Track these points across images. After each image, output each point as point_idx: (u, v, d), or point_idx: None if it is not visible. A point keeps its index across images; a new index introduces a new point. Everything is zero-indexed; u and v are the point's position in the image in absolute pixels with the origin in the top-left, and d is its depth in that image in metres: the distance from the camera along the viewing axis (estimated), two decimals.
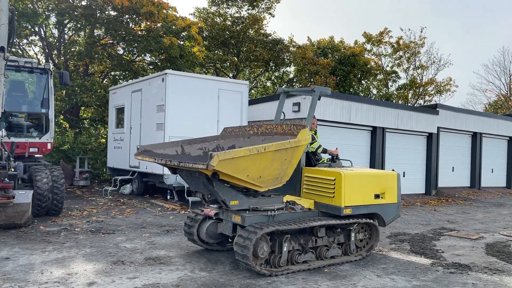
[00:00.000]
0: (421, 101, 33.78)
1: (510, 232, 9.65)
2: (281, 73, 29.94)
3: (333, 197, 6.35)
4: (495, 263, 6.86)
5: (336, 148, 7.63)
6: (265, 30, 26.76)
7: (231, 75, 27.10)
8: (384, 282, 5.69)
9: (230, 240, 6.83)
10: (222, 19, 26.18)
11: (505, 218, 12.03)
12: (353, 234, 6.65)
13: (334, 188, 6.35)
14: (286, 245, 5.89)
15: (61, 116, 18.87)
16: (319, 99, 7.89)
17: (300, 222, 5.99)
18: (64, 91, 17.28)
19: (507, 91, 41.84)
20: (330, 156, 7.54)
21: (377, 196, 6.76)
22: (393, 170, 7.41)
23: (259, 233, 5.49)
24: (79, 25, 18.49)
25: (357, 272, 6.08)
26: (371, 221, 6.78)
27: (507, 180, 21.79)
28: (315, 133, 7.68)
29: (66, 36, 19.64)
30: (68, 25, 18.69)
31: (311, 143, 7.35)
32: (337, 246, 6.54)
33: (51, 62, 18.12)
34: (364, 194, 6.61)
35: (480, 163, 19.96)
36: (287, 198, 6.71)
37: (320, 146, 7.54)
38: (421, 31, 41.38)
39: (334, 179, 6.36)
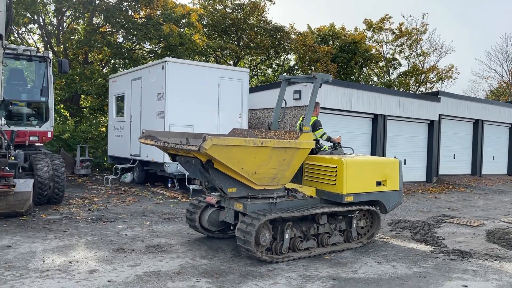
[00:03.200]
0: (422, 88, 33.62)
1: (511, 219, 9.66)
2: (281, 61, 29.76)
3: (335, 184, 6.33)
4: (496, 250, 6.87)
5: (339, 136, 7.58)
6: (266, 17, 26.55)
7: (231, 63, 26.95)
8: (384, 269, 5.70)
9: (231, 227, 6.87)
10: (222, 6, 25.94)
11: (506, 205, 12.03)
12: (354, 221, 6.67)
13: (335, 175, 6.33)
14: (288, 232, 5.90)
15: (61, 105, 18.83)
16: (320, 86, 7.86)
17: (303, 210, 5.99)
18: (63, 80, 17.20)
19: (509, 78, 41.58)
20: (331, 144, 7.51)
21: (378, 184, 6.77)
22: (394, 157, 7.41)
23: (262, 220, 5.50)
24: (77, 13, 18.33)
25: (358, 259, 6.09)
26: (373, 208, 6.77)
27: (509, 167, 21.78)
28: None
29: (65, 24, 19.49)
30: (67, 13, 18.54)
31: (316, 130, 7.38)
32: (339, 233, 6.57)
33: (50, 50, 18.03)
34: (365, 181, 6.60)
35: (481, 150, 19.92)
36: (289, 185, 6.70)
37: (324, 133, 7.51)
38: (423, 18, 41.06)
39: (336, 167, 6.34)
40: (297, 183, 6.92)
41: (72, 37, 18.61)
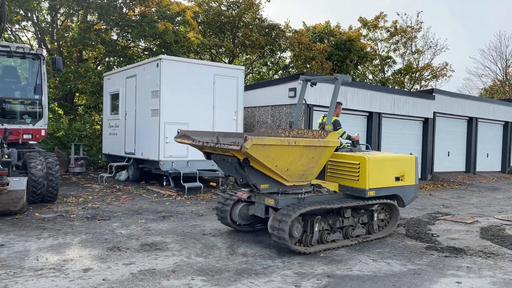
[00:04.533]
0: (417, 86, 33.74)
1: (504, 216, 9.72)
2: (276, 59, 29.73)
3: (358, 180, 6.76)
4: (490, 247, 6.91)
5: (357, 134, 8.23)
6: (261, 15, 26.49)
7: (226, 60, 26.89)
8: (379, 266, 5.72)
9: (260, 221, 7.24)
10: (217, 3, 25.86)
11: (500, 202, 12.10)
12: (375, 215, 7.11)
13: (358, 171, 6.75)
14: (317, 225, 6.30)
15: (56, 103, 18.71)
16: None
17: (331, 203, 6.39)
18: (58, 78, 17.09)
19: (503, 76, 41.82)
20: (349, 141, 8.04)
21: (397, 179, 7.20)
22: (411, 154, 7.88)
23: (296, 213, 5.86)
24: (71, 11, 18.20)
25: (353, 257, 6.11)
26: (392, 202, 7.18)
27: (502, 165, 21.92)
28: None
29: (59, 21, 19.36)
30: (61, 10, 18.41)
31: (336, 129, 7.78)
32: (361, 225, 6.97)
33: (44, 48, 17.90)
34: (385, 177, 7.01)
35: (475, 148, 20.03)
36: (313, 181, 6.98)
37: (344, 132, 8.09)
38: (418, 16, 41.13)
39: (359, 163, 6.75)
40: (320, 179, 7.27)
41: (66, 35, 18.49)
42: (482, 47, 75.82)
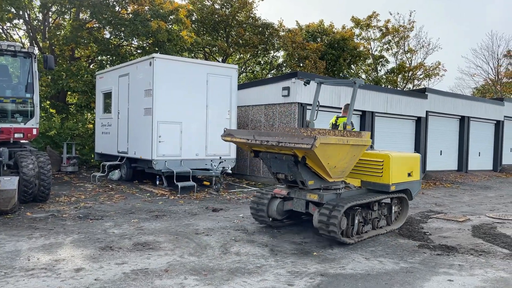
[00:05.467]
0: (410, 86, 33.91)
1: (496, 214, 9.79)
2: (270, 58, 29.74)
3: (381, 176, 7.33)
4: (481, 245, 6.96)
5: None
6: (254, 14, 26.47)
7: (220, 59, 26.83)
8: (372, 264, 5.74)
9: (288, 217, 7.77)
10: (211, 2, 25.81)
11: (492, 201, 12.20)
12: (393, 207, 7.84)
13: (382, 168, 7.32)
14: (357, 217, 6.86)
15: (48, 102, 18.56)
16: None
17: (369, 197, 7.06)
18: (50, 77, 16.96)
19: (495, 75, 42.15)
20: None
21: (409, 175, 7.84)
22: (415, 152, 8.24)
23: (345, 207, 6.43)
24: (63, 9, 18.06)
25: (346, 255, 6.12)
26: (404, 195, 7.90)
27: (494, 163, 22.09)
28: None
29: (50, 19, 19.20)
30: (53, 8, 18.25)
31: (353, 129, 8.19)
32: (383, 217, 7.65)
33: (35, 46, 17.75)
34: (402, 173, 7.63)
35: (467, 146, 20.17)
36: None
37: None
38: (410, 15, 41.34)
39: (383, 161, 7.34)
40: None
41: (58, 33, 18.34)
42: (474, 47, 76.35)
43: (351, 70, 31.76)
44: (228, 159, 12.61)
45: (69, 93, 19.51)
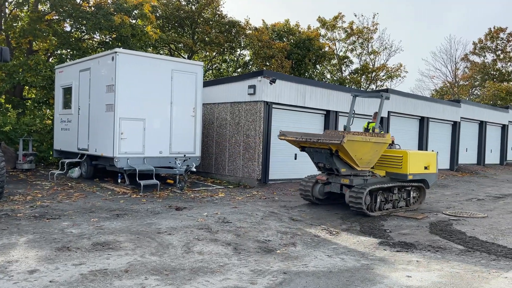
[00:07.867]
0: (373, 86, 34.71)
1: (452, 211, 10.17)
2: (236, 56, 29.67)
3: (401, 167, 9.68)
4: (438, 241, 7.19)
5: (393, 136, 10.82)
6: (221, 11, 26.32)
7: (185, 56, 26.51)
8: (334, 262, 5.81)
9: (332, 198, 10.11)
10: None
11: (448, 199, 12.65)
12: (412, 193, 10.22)
13: (401, 162, 9.66)
14: (379, 197, 9.38)
15: (3, 97, 17.73)
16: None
17: (387, 183, 9.55)
18: (5, 70, 16.18)
19: (452, 78, 43.83)
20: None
21: (425, 168, 10.13)
22: (432, 150, 10.74)
23: (368, 188, 8.88)
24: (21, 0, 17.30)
25: (309, 253, 6.17)
26: (422, 184, 10.29)
27: (451, 163, 22.92)
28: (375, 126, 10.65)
29: (7, 10, 18.34)
30: None
31: (381, 132, 10.37)
32: (403, 200, 9.99)
33: None
34: (418, 166, 9.92)
35: (426, 146, 20.83)
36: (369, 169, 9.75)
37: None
38: (374, 17, 42.33)
39: (402, 156, 9.71)
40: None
41: (15, 25, 17.54)
42: (434, 50, 79.08)
43: (316, 70, 32.16)
44: (193, 157, 12.45)
45: (26, 87, 18.72)
